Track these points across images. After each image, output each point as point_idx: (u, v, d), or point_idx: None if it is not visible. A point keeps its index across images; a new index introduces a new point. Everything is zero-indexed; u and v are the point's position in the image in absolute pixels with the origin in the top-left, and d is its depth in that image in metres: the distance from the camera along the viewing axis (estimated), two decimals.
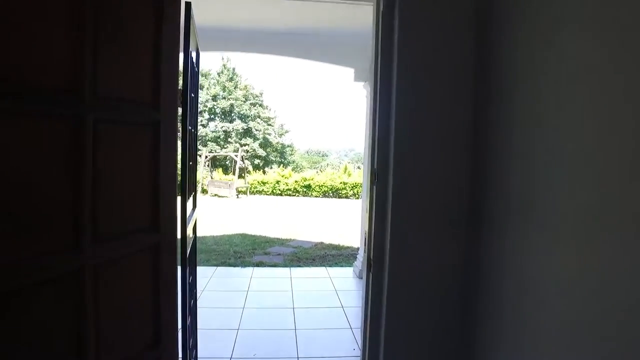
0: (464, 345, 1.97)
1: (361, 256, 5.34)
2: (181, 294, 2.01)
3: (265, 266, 5.79)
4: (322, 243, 7.56)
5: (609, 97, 1.22)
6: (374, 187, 1.75)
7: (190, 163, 2.70)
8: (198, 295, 4.38)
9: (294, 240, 7.81)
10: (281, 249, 6.95)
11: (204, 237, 7.72)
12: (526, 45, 1.61)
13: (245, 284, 4.90)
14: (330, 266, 5.92)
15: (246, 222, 9.78)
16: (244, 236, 7.96)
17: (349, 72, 5.56)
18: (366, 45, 2.49)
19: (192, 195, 2.92)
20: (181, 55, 1.74)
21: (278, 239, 7.87)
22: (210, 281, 4.96)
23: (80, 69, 1.20)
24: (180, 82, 1.97)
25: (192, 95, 2.31)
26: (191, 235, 2.85)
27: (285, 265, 5.88)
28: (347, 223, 10.25)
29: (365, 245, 2.43)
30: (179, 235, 1.79)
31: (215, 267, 5.61)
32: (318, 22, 4.75)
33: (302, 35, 5.15)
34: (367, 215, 1.82)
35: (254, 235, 8.07)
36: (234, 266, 5.74)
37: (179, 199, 1.92)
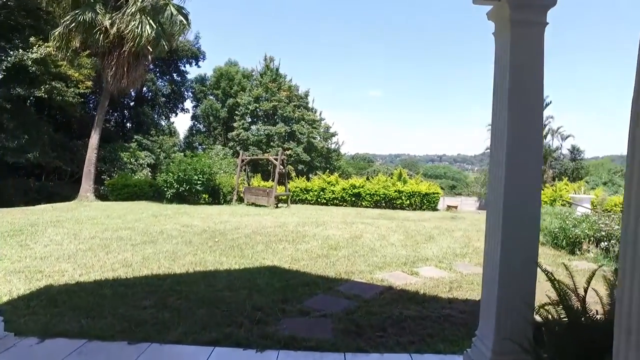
0: None
1: (488, 348, 2.62)
2: None
3: (299, 348, 3.22)
4: (391, 289, 4.87)
5: None
6: None
7: None
8: None
9: (347, 281, 5.18)
10: (328, 302, 4.36)
11: (215, 273, 5.31)
12: None
13: None
14: (417, 350, 3.24)
15: (279, 245, 7.30)
16: (273, 272, 5.44)
17: None
18: None
19: None
20: None
21: (323, 278, 5.27)
22: None
23: None
24: None
25: None
26: None
27: (334, 347, 3.27)
28: (415, 245, 7.40)
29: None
30: None
31: (212, 348, 3.14)
32: None
33: None
34: None
35: (287, 271, 5.53)
36: (246, 345, 3.22)
37: None
